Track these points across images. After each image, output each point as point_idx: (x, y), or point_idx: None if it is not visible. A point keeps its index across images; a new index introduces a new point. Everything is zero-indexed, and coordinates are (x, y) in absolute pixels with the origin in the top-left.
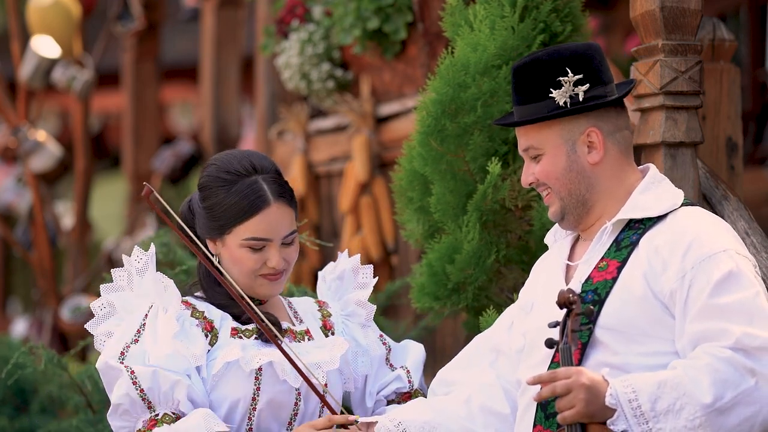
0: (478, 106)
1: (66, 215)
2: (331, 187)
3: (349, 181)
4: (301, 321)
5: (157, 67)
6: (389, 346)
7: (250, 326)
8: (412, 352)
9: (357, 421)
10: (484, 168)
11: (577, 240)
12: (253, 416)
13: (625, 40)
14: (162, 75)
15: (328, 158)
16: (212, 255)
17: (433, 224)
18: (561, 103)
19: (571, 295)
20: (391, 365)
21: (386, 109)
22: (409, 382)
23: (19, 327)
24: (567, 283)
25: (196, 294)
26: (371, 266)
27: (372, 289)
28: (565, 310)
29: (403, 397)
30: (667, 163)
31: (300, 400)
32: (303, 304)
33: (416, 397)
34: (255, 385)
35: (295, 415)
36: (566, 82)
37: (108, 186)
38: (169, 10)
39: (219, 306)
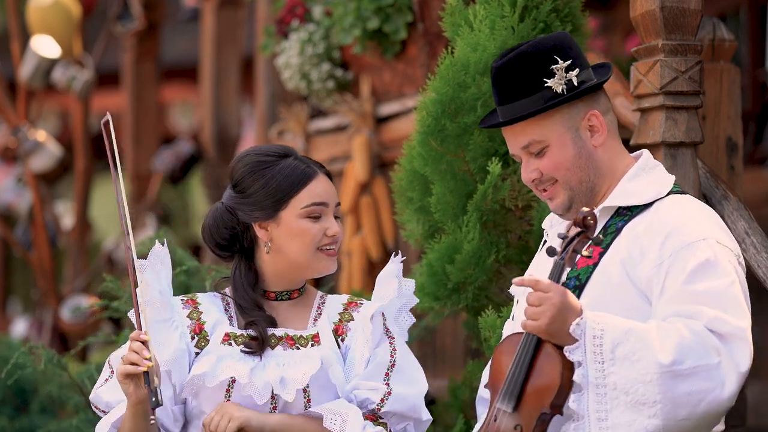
0: (478, 106)
1: (66, 215)
2: None
3: (349, 181)
4: (316, 324)
5: (157, 67)
6: (394, 361)
7: (245, 332)
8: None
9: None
10: (485, 168)
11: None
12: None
13: (625, 40)
14: (162, 75)
15: (328, 158)
16: (257, 241)
17: (433, 224)
18: (559, 91)
19: (588, 218)
20: (382, 380)
21: (386, 109)
22: (381, 401)
23: (19, 327)
24: None
25: (221, 290)
26: (412, 281)
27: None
28: (577, 230)
29: (367, 416)
30: (667, 163)
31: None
32: (332, 303)
33: (383, 426)
34: (225, 398)
35: None
36: (558, 70)
37: (108, 186)
38: (169, 10)
39: (238, 306)
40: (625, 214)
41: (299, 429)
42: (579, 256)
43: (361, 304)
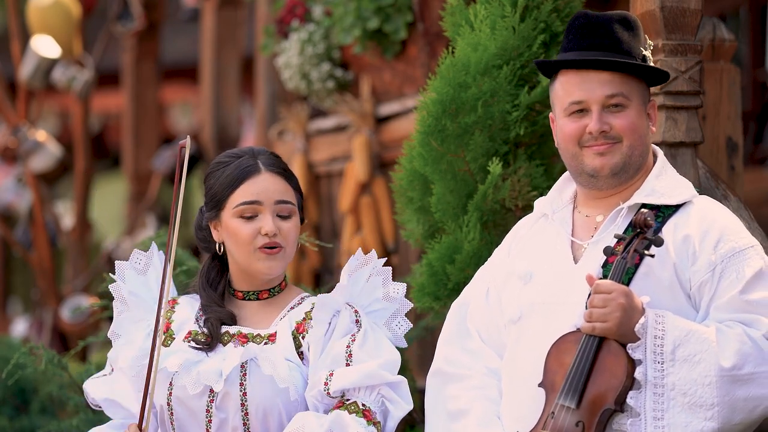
0: (478, 106)
1: (66, 215)
2: (331, 187)
3: (349, 181)
4: (278, 323)
5: (157, 67)
6: (350, 352)
7: (206, 330)
8: (367, 363)
9: None
10: (485, 168)
11: (573, 212)
12: (174, 421)
13: None
14: (162, 75)
15: (328, 158)
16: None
17: (433, 224)
18: (651, 64)
19: (648, 219)
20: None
21: (386, 109)
22: (326, 384)
23: (19, 327)
24: (576, 262)
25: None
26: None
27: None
28: (637, 230)
29: (335, 406)
30: None
31: (212, 407)
32: (304, 305)
33: (348, 409)
34: (168, 390)
35: (210, 422)
36: (649, 47)
37: (108, 186)
38: (169, 10)
39: (202, 305)
40: (656, 215)
41: None
42: (638, 255)
43: None
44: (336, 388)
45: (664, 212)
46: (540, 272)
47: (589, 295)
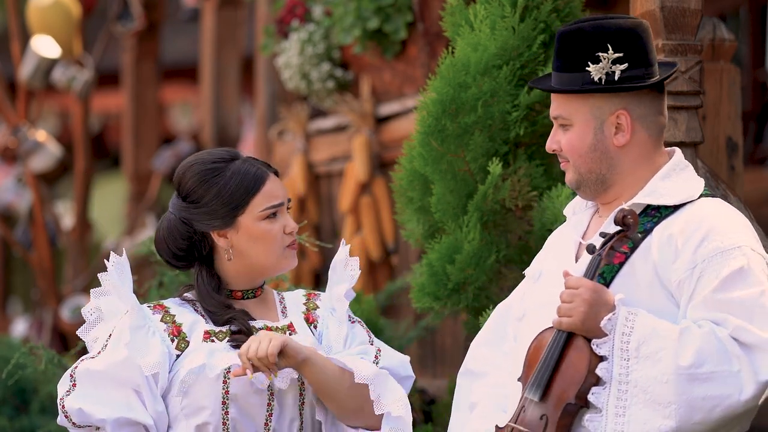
0: (478, 106)
1: (66, 215)
2: (331, 187)
3: (349, 181)
4: (285, 315)
5: (157, 67)
6: (372, 340)
7: (224, 328)
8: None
9: None
10: (485, 168)
11: (593, 215)
12: (228, 421)
13: None
14: (162, 75)
15: (328, 158)
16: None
17: (433, 224)
18: (596, 79)
19: (629, 216)
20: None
21: (386, 109)
22: (376, 357)
23: (19, 327)
24: (576, 260)
25: (185, 295)
26: (357, 258)
27: (352, 283)
28: (617, 228)
29: None
30: None
31: (273, 400)
32: (292, 297)
33: None
34: (223, 389)
35: (270, 415)
36: (605, 59)
37: (108, 186)
38: (169, 10)
39: (208, 312)
40: (654, 215)
41: (325, 362)
42: (616, 253)
43: (318, 294)
44: (383, 365)
45: (661, 213)
46: (548, 272)
47: None
